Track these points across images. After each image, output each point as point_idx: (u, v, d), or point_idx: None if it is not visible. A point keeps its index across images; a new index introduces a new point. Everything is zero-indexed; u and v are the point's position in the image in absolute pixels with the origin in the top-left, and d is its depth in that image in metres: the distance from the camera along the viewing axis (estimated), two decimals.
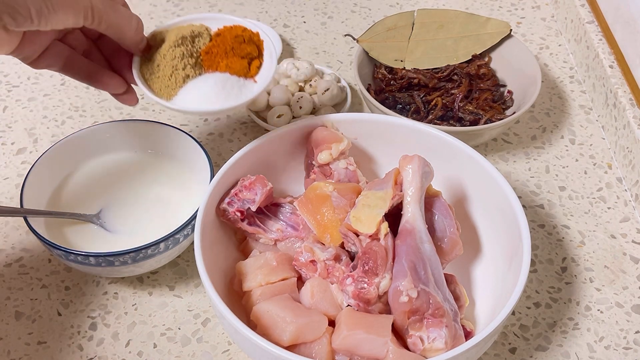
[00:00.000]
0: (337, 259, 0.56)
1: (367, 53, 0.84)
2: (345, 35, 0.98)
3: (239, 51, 0.61)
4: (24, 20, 0.49)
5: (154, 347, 0.61)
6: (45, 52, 0.57)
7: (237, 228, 0.62)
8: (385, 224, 0.54)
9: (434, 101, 0.80)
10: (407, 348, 0.52)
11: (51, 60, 0.58)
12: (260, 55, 0.63)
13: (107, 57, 0.63)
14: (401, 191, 0.56)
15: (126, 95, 0.63)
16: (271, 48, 0.62)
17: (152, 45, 0.61)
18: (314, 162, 0.64)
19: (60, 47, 0.58)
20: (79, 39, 0.61)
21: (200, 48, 0.62)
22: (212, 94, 0.60)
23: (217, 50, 0.61)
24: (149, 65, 0.61)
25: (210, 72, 0.61)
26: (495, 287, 0.58)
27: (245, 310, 0.56)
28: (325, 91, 0.81)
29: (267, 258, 0.58)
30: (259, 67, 0.63)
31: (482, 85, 0.82)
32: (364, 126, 0.66)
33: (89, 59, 0.61)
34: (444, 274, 0.55)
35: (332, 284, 0.56)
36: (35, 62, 0.57)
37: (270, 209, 0.63)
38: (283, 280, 0.57)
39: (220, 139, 0.82)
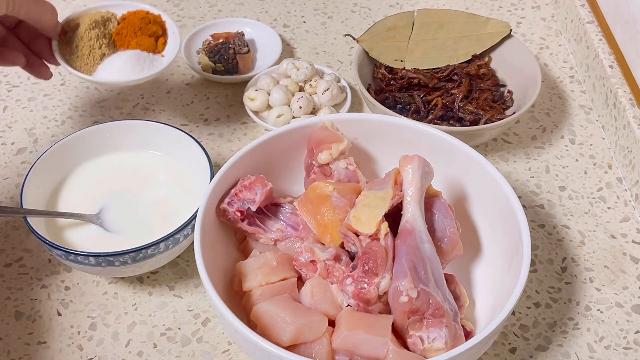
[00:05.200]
0: (337, 259, 0.56)
1: (367, 53, 0.84)
2: (345, 35, 0.98)
3: (146, 30, 0.73)
4: None
5: (154, 347, 0.61)
6: None
7: (237, 228, 0.62)
8: (385, 224, 0.54)
9: (434, 101, 0.80)
10: (407, 348, 0.52)
11: None
12: (164, 33, 0.75)
13: (26, 43, 0.70)
14: (401, 191, 0.56)
15: (37, 68, 0.71)
16: (173, 27, 0.75)
17: (66, 30, 0.72)
18: (314, 162, 0.64)
19: None
20: None
21: (111, 30, 0.73)
22: (128, 68, 0.71)
23: (126, 31, 0.72)
24: (67, 47, 0.71)
25: (123, 50, 0.72)
26: (495, 287, 0.58)
27: (245, 310, 0.56)
28: (325, 91, 0.81)
29: (267, 258, 0.58)
30: (164, 44, 0.75)
31: (482, 85, 0.82)
32: (364, 126, 0.66)
33: (6, 45, 0.68)
34: (444, 274, 0.55)
35: (332, 284, 0.56)
36: None
37: (270, 209, 0.63)
38: (283, 280, 0.57)
39: (220, 139, 0.82)
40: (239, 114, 0.86)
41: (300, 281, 0.58)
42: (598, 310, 0.65)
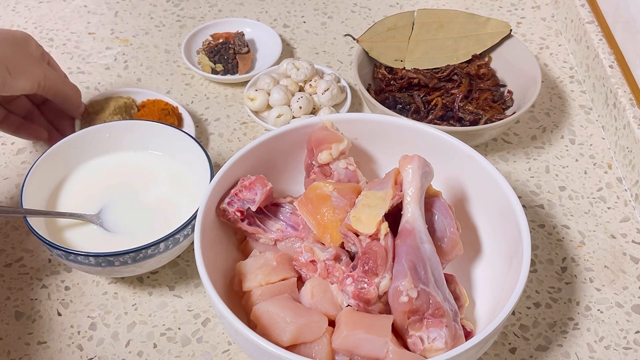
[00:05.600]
0: (337, 259, 0.56)
1: (367, 53, 0.84)
2: (345, 35, 0.98)
3: (164, 121, 0.77)
4: None
5: (154, 347, 0.61)
6: None
7: (237, 228, 0.62)
8: (385, 224, 0.54)
9: (434, 101, 0.80)
10: (407, 348, 0.52)
11: None
12: (180, 124, 0.80)
13: (50, 120, 0.76)
14: (401, 191, 0.56)
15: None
16: (189, 120, 0.80)
17: (90, 112, 0.77)
18: (314, 162, 0.64)
19: None
20: (23, 104, 0.73)
21: (131, 116, 0.79)
22: None
23: (146, 119, 0.76)
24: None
25: None
26: (495, 287, 0.58)
27: (245, 310, 0.56)
28: (325, 91, 0.81)
29: (267, 258, 0.58)
30: None
31: (482, 85, 0.82)
32: (364, 126, 0.66)
33: (32, 120, 0.74)
34: (444, 274, 0.55)
35: (332, 284, 0.56)
36: None
37: (270, 209, 0.63)
38: (283, 280, 0.57)
39: (220, 139, 0.82)
40: (239, 114, 0.86)
41: (300, 281, 0.58)
42: (598, 310, 0.65)
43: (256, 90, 0.82)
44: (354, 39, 0.86)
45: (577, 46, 0.94)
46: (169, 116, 0.79)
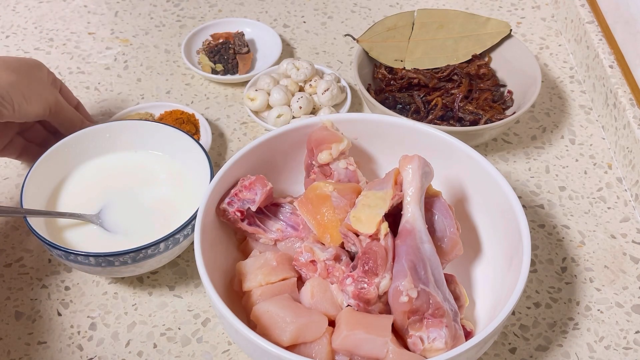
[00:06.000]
0: (337, 259, 0.56)
1: (367, 53, 0.84)
2: (345, 35, 0.98)
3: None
4: (8, 112, 0.62)
5: (154, 347, 0.61)
6: (8, 145, 0.69)
7: (237, 228, 0.62)
8: (385, 224, 0.54)
9: (434, 101, 0.80)
10: (407, 348, 0.52)
11: (11, 151, 0.70)
12: (197, 131, 0.80)
13: None
14: (401, 191, 0.56)
15: None
16: (205, 124, 0.80)
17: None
18: (314, 162, 0.64)
19: (19, 140, 0.71)
20: (39, 132, 0.73)
21: None
22: None
23: None
24: None
25: None
26: (495, 287, 0.58)
27: (245, 310, 0.56)
28: (325, 91, 0.81)
29: (267, 258, 0.58)
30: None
31: (482, 85, 0.82)
32: (364, 126, 0.66)
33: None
34: (444, 274, 0.55)
35: (332, 284, 0.56)
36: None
37: (270, 209, 0.63)
38: (283, 280, 0.57)
39: (220, 139, 0.82)
40: (239, 114, 0.86)
41: (300, 281, 0.58)
42: (598, 310, 0.65)
43: (256, 90, 0.82)
44: (354, 39, 0.86)
45: (577, 46, 0.94)
46: (185, 124, 0.79)
